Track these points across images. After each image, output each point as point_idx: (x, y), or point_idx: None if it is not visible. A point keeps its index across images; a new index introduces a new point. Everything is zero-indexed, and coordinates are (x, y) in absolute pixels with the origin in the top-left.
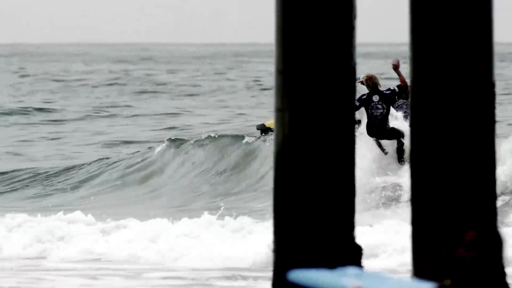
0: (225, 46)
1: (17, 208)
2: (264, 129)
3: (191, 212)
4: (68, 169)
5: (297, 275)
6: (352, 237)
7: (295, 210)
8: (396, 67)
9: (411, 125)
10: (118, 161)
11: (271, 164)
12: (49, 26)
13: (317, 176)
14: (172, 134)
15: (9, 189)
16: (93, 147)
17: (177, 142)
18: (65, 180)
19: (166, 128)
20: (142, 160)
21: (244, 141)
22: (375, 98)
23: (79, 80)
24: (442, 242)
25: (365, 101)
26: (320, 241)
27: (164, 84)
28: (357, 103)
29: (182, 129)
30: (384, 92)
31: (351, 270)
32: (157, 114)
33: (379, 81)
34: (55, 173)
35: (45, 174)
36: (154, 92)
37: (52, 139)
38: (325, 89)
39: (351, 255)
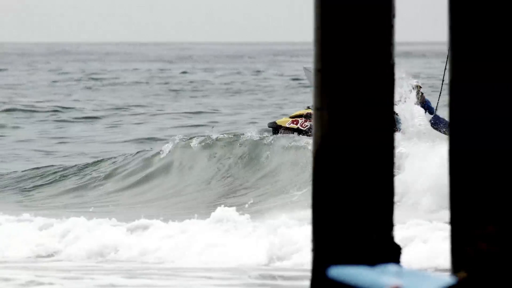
0: (265, 45)
1: (42, 206)
2: (275, 127)
3: (210, 209)
4: (72, 168)
5: (337, 272)
6: (391, 236)
7: (333, 209)
8: None
9: (451, 124)
10: (131, 157)
11: (278, 160)
12: (89, 25)
13: (356, 175)
14: (196, 133)
15: (32, 187)
16: (119, 145)
17: (183, 141)
18: (77, 179)
19: (195, 125)
20: (147, 160)
21: (244, 139)
22: None
23: (116, 78)
24: (479, 239)
25: None
26: (359, 240)
27: (201, 83)
28: None
29: (213, 127)
30: None
31: (391, 268)
32: (190, 113)
33: None
34: (65, 171)
35: (59, 173)
36: (192, 90)
37: (82, 137)
38: (363, 88)
39: (390, 255)
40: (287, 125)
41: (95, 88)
